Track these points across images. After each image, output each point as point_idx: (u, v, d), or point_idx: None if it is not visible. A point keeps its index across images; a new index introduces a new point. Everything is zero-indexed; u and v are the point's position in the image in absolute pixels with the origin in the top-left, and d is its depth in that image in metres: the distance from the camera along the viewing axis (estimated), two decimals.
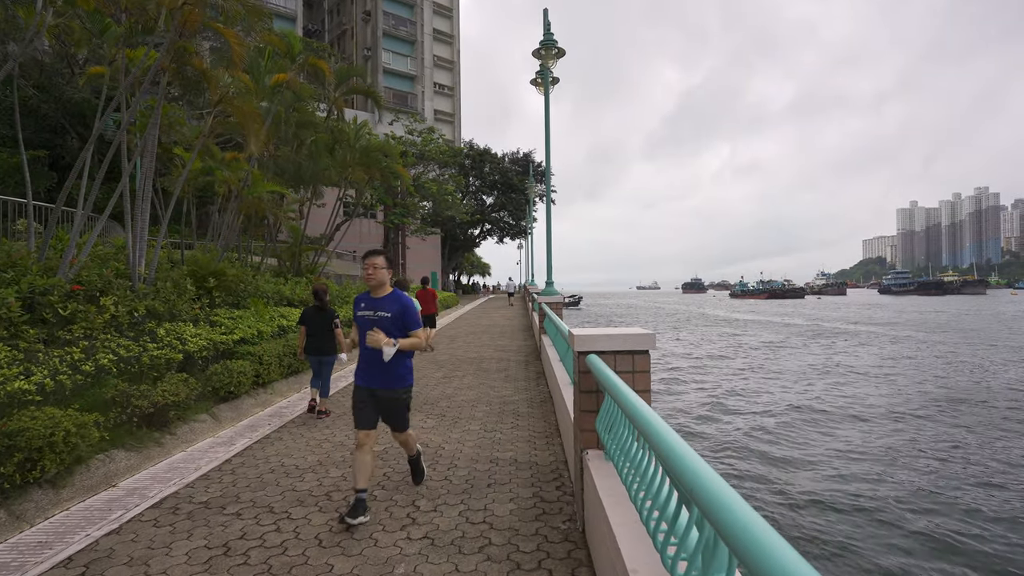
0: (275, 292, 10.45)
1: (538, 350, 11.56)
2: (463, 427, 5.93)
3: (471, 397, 7.43)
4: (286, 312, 9.91)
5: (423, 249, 42.79)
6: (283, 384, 8.05)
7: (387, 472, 4.60)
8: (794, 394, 14.92)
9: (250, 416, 6.53)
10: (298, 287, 11.53)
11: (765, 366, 20.40)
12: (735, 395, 14.99)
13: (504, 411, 6.61)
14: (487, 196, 48.76)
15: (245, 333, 7.71)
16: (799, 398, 14.32)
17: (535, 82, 11.27)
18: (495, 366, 10.05)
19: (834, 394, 14.89)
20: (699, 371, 19.20)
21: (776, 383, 16.78)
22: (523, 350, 12.31)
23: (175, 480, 4.40)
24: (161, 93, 7.87)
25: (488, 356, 11.36)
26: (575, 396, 3.55)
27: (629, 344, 3.29)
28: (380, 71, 42.29)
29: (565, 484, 4.21)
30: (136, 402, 4.94)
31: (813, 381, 17.01)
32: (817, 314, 55.60)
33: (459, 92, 57.42)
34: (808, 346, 26.91)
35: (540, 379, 8.66)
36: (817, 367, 19.83)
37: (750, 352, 24.87)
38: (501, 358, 11.05)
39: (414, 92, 46.28)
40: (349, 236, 40.84)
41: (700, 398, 14.47)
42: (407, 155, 32.58)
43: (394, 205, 33.17)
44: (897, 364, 20.49)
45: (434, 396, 7.55)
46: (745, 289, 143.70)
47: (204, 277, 8.78)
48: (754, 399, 14.40)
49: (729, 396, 14.80)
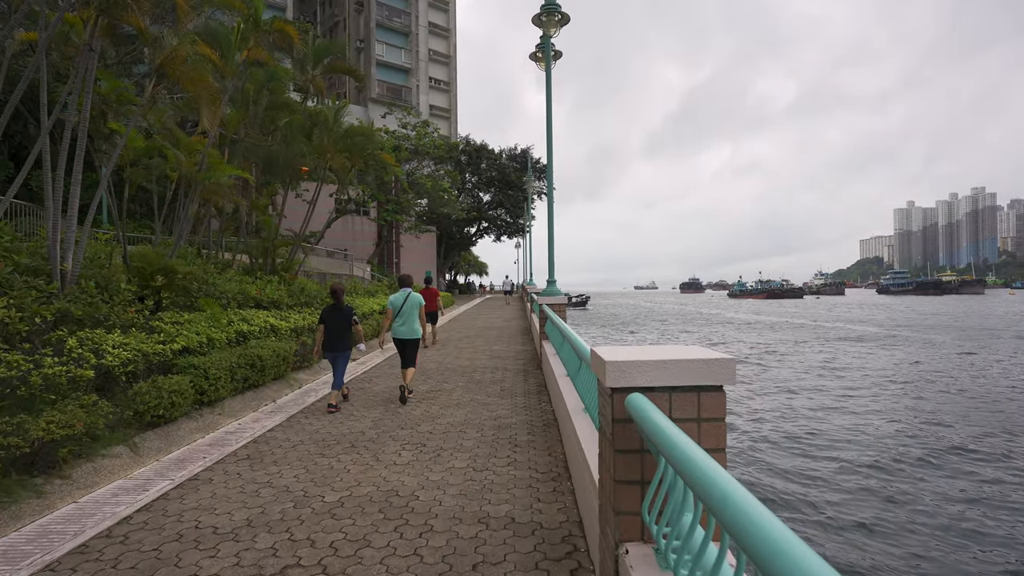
0: (239, 292, 9.19)
1: (538, 357, 10.34)
2: (446, 463, 4.69)
3: (459, 418, 6.20)
4: (251, 315, 8.65)
5: (418, 247, 41.50)
6: (236, 402, 6.80)
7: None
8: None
9: (183, 446, 5.28)
10: (269, 287, 10.28)
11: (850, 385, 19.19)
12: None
13: (499, 438, 5.38)
14: (484, 193, 47.47)
15: (189, 341, 6.46)
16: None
17: (535, 56, 10.05)
18: (490, 377, 8.81)
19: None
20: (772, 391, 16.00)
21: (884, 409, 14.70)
22: (521, 357, 11.08)
23: (32, 559, 3.15)
24: (87, 60, 6.61)
25: (482, 365, 10.12)
26: (603, 454, 2.33)
27: (692, 375, 2.06)
28: (373, 63, 40.98)
29: (583, 567, 2.97)
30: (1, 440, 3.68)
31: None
32: (828, 314, 54.52)
33: (455, 87, 56.12)
34: (866, 353, 25.75)
35: (542, 394, 7.43)
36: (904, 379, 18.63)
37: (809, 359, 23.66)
38: (497, 367, 9.81)
39: (408, 86, 44.96)
40: (341, 234, 39.62)
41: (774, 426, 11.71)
42: (400, 149, 31.32)
43: (387, 201, 31.90)
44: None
45: (416, 416, 6.32)
46: (743, 289, 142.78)
47: (151, 275, 7.52)
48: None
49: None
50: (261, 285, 10.18)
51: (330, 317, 6.89)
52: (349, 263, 22.42)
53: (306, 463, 4.74)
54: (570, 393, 5.15)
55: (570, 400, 4.74)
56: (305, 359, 9.16)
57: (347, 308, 7.03)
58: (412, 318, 7.31)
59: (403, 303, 7.30)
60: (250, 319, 8.36)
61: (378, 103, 39.12)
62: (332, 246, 34.50)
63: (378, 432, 5.69)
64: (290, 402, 7.24)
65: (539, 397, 7.23)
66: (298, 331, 9.51)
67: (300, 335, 9.51)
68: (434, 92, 52.56)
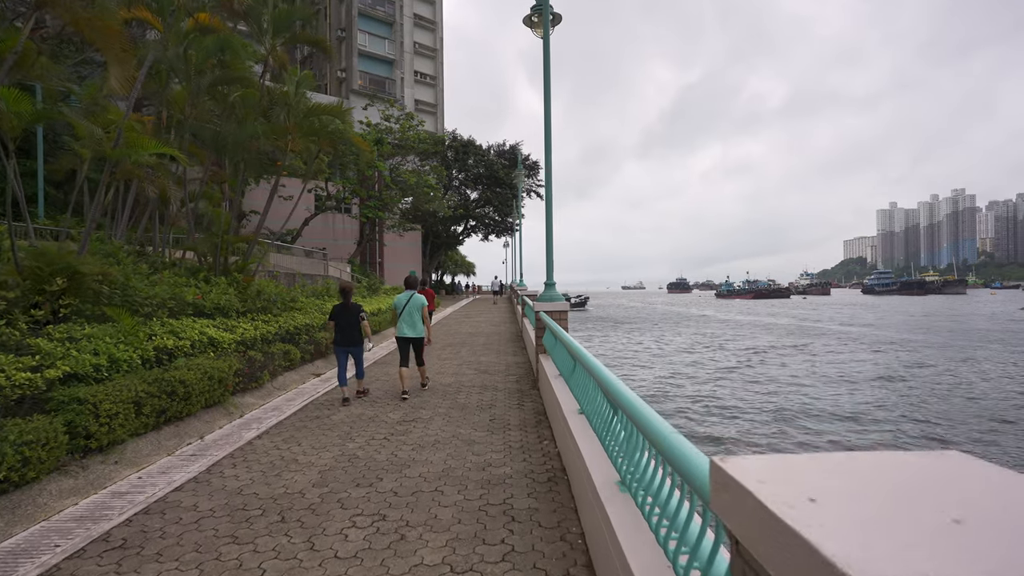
0: (173, 298, 7.58)
1: (534, 374, 8.86)
2: (411, 554, 3.19)
3: (437, 466, 4.69)
4: (184, 326, 7.05)
5: (402, 246, 39.82)
6: (146, 443, 5.21)
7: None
8: None
9: (33, 524, 3.70)
10: (214, 291, 8.66)
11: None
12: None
13: (489, 504, 3.89)
14: (471, 190, 45.91)
15: (78, 365, 4.87)
16: None
17: (531, 20, 8.56)
18: (477, 400, 7.31)
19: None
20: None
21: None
22: (513, 371, 9.60)
23: None
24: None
25: (468, 382, 8.62)
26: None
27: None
28: (355, 53, 39.12)
29: None
30: None
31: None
32: (821, 315, 53.75)
33: (442, 82, 54.41)
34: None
35: (542, 427, 5.94)
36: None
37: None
38: (486, 385, 8.31)
39: (392, 78, 43.15)
40: (322, 232, 37.82)
41: None
42: (382, 143, 29.64)
43: (369, 197, 30.22)
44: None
45: (379, 463, 4.80)
46: (731, 289, 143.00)
47: (48, 277, 5.91)
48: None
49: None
50: (205, 289, 8.57)
51: (340, 314, 7.22)
52: (324, 263, 20.75)
53: (204, 556, 3.22)
54: (582, 431, 3.68)
55: (595, 467, 3.23)
56: (254, 379, 7.59)
57: (355, 306, 7.31)
58: (415, 318, 7.53)
59: (406, 303, 7.52)
60: (181, 331, 6.77)
61: (360, 95, 37.32)
62: (312, 245, 32.75)
63: (323, 492, 4.17)
64: (222, 439, 5.68)
65: (538, 431, 5.75)
66: (247, 343, 7.93)
67: (251, 348, 7.93)
68: (420, 86, 50.82)
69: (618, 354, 24.53)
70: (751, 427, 11.80)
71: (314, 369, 9.77)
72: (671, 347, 27.13)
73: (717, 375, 18.37)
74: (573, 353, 4.64)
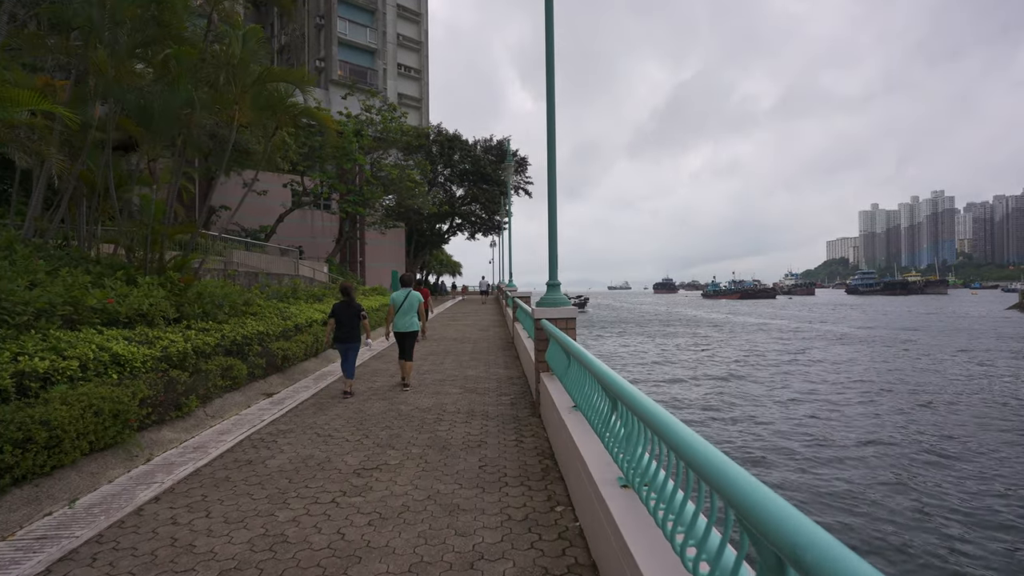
0: (70, 302, 5.88)
1: (532, 393, 7.29)
2: None
3: (400, 565, 3.10)
4: (77, 340, 5.37)
5: (384, 245, 38.05)
6: None
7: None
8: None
9: None
10: (135, 294, 6.95)
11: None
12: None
13: None
14: (457, 187, 44.19)
15: None
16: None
17: None
18: (462, 433, 5.72)
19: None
20: None
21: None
22: (506, 388, 8.02)
23: None
24: None
25: (452, 406, 7.02)
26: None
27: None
28: (335, 42, 37.17)
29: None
30: None
31: None
32: (820, 316, 52.95)
33: (427, 76, 52.63)
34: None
35: (550, 478, 4.37)
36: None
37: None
38: (474, 411, 6.72)
39: (374, 68, 41.23)
40: (299, 230, 35.85)
41: None
42: (362, 135, 27.87)
43: (348, 192, 28.40)
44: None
45: (316, 552, 3.20)
46: (717, 289, 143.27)
47: None
48: None
49: None
50: (123, 291, 6.85)
51: (342, 312, 7.53)
52: (294, 261, 18.97)
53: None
54: (605, 479, 2.15)
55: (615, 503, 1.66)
56: (178, 406, 5.93)
57: (356, 305, 7.63)
58: (411, 313, 8.06)
59: (403, 300, 8.02)
60: (67, 348, 5.08)
61: (340, 85, 35.40)
62: (288, 243, 30.86)
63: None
64: (102, 504, 4.03)
65: (548, 489, 4.18)
66: (173, 360, 6.25)
67: (176, 367, 6.26)
68: (403, 80, 48.98)
69: (639, 364, 23.07)
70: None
71: (266, 387, 8.10)
72: (712, 358, 23.56)
73: (795, 399, 14.93)
74: (606, 382, 3.10)
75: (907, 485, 8.47)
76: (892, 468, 9.23)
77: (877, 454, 9.98)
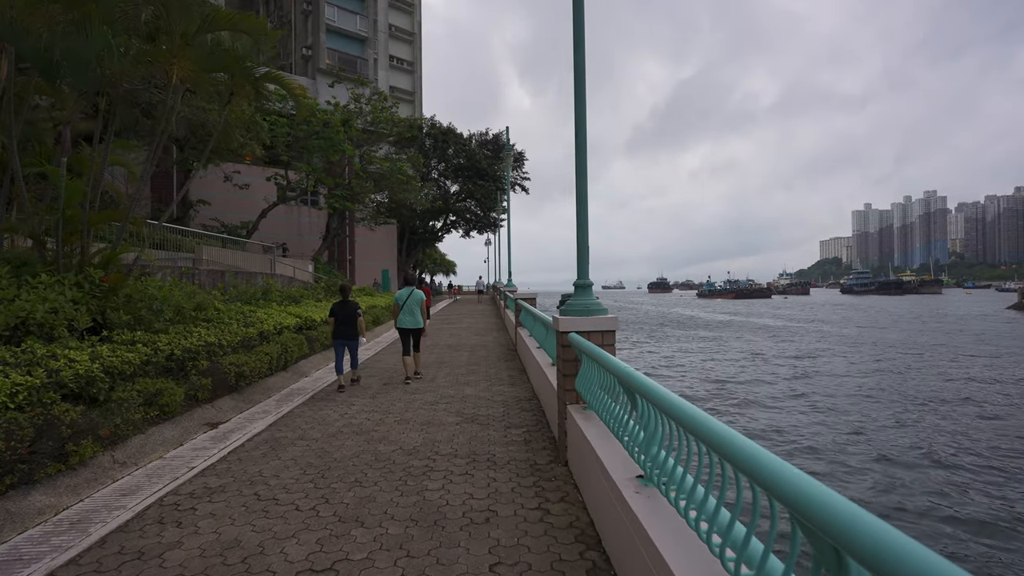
0: None
1: (550, 427, 5.64)
2: None
3: None
4: None
5: (375, 242, 36.28)
6: None
7: None
8: None
9: None
10: (25, 296, 5.25)
11: None
12: None
13: None
14: (451, 183, 42.46)
15: None
16: None
17: None
18: (461, 500, 4.06)
19: None
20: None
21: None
22: (515, 415, 6.37)
23: None
24: None
25: (446, 445, 5.36)
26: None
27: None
28: (322, 28, 35.33)
29: None
30: None
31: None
32: (823, 316, 51.65)
33: (420, 69, 50.87)
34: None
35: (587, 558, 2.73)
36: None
37: None
38: (475, 453, 5.06)
39: (365, 57, 39.39)
40: (285, 226, 33.97)
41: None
42: (350, 126, 26.11)
43: (336, 186, 26.63)
44: None
45: None
46: (712, 289, 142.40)
47: None
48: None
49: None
50: (7, 294, 5.15)
51: (340, 311, 7.93)
52: (270, 259, 17.23)
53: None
54: None
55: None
56: (67, 457, 4.24)
57: (352, 303, 8.01)
58: (415, 311, 8.46)
59: (407, 299, 8.44)
60: None
61: (329, 75, 33.67)
62: (273, 240, 29.06)
63: None
64: None
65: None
66: (67, 387, 4.56)
67: (78, 396, 4.57)
68: (395, 72, 47.19)
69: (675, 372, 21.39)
70: None
71: (213, 415, 6.41)
72: (765, 363, 21.75)
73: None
74: (722, 444, 1.46)
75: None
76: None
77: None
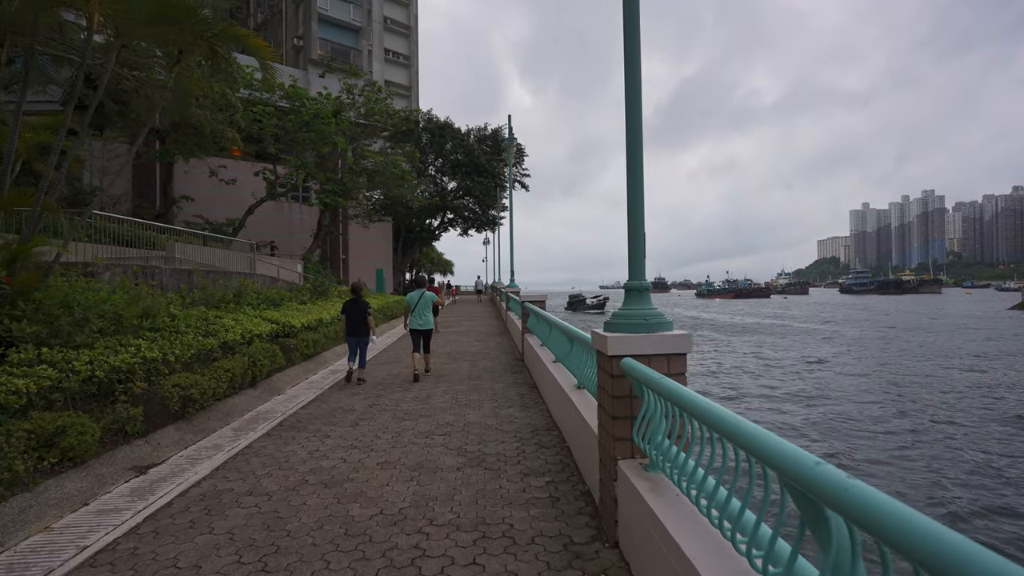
0: None
1: (577, 473, 4.24)
2: None
3: None
4: None
5: (369, 240, 34.85)
6: None
7: None
8: None
9: None
10: None
11: None
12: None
13: None
14: (448, 179, 41.06)
15: None
16: None
17: None
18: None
19: None
20: None
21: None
22: (530, 450, 4.98)
23: None
24: None
25: (443, 505, 3.97)
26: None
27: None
28: (314, 17, 33.90)
29: None
30: None
31: None
32: (831, 315, 50.40)
33: (416, 63, 49.40)
34: None
35: None
36: None
37: None
38: (482, 522, 3.66)
39: (359, 48, 37.94)
40: (275, 224, 32.46)
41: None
42: (341, 118, 24.69)
43: (328, 181, 25.22)
44: None
45: None
46: (711, 288, 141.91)
47: None
48: None
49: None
50: None
51: (351, 309, 8.36)
52: (249, 258, 15.79)
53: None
54: None
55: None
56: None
57: (363, 303, 8.38)
58: (426, 312, 8.81)
59: (418, 300, 8.82)
60: None
61: (320, 65, 32.25)
62: (261, 238, 27.63)
63: None
64: None
65: None
66: None
67: None
68: (391, 66, 45.71)
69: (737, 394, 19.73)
70: None
71: (145, 454, 5.00)
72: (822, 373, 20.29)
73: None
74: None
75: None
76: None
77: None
